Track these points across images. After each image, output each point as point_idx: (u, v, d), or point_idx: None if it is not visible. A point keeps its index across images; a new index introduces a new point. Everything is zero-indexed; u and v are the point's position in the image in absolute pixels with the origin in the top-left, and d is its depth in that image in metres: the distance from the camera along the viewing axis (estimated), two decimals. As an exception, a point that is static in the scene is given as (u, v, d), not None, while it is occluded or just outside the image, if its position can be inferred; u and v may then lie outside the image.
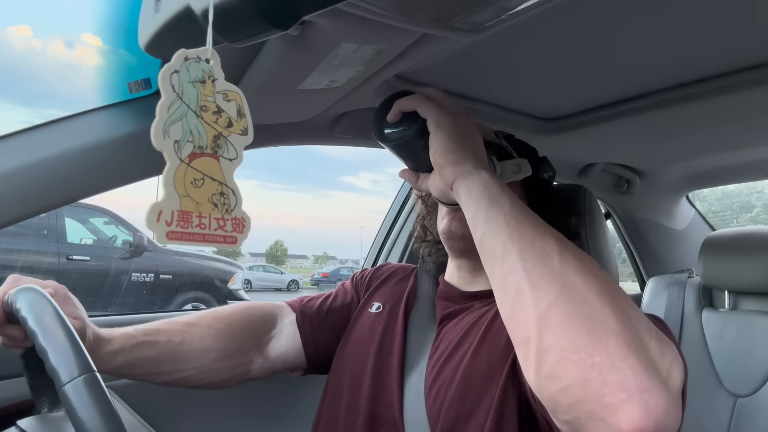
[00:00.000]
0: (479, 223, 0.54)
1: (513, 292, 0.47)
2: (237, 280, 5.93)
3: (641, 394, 0.39)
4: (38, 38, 58.24)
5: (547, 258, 0.47)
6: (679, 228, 1.81)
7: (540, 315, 0.44)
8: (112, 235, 5.41)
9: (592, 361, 0.41)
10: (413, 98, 0.62)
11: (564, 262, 0.47)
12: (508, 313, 0.48)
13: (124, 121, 0.80)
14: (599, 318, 0.43)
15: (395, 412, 0.71)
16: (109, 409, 0.45)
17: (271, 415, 1.16)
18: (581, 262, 0.47)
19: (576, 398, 0.41)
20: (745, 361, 1.22)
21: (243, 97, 0.45)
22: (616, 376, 0.40)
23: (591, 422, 0.41)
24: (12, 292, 0.57)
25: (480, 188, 0.56)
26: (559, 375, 0.42)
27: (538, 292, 0.45)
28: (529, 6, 0.58)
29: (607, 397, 0.40)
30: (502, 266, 0.50)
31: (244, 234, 0.45)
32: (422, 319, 0.82)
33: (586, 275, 0.46)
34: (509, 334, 0.49)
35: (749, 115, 1.04)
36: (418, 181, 0.68)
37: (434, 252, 0.92)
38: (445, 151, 0.59)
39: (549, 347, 0.43)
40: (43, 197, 0.74)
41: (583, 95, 1.02)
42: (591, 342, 0.42)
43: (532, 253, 0.48)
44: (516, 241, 0.49)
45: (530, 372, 0.45)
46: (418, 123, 0.62)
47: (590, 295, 0.44)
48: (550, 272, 0.46)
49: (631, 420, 0.39)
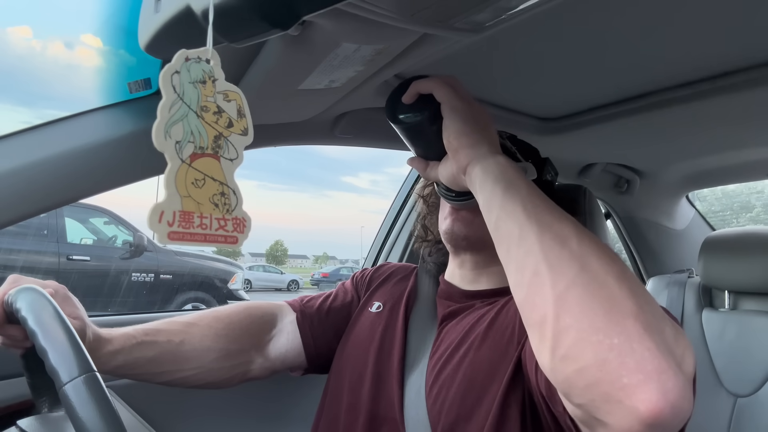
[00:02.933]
0: (495, 205, 0.53)
1: (530, 273, 0.47)
2: (237, 280, 5.93)
3: (659, 375, 0.39)
4: (38, 39, 58.17)
5: (565, 241, 0.47)
6: (679, 228, 1.81)
7: (558, 296, 0.44)
8: (112, 235, 5.41)
9: (610, 342, 0.41)
10: (430, 80, 0.62)
11: (582, 245, 0.47)
12: (523, 295, 0.48)
13: (124, 121, 0.80)
14: (617, 300, 0.43)
15: (395, 412, 0.71)
16: (109, 409, 0.45)
17: (271, 415, 1.16)
18: (598, 247, 0.47)
19: (592, 379, 0.41)
20: (745, 361, 1.22)
21: (243, 98, 0.45)
22: (634, 358, 0.40)
23: (606, 404, 0.41)
24: (12, 292, 0.57)
25: (496, 171, 0.55)
26: (575, 356, 0.42)
27: (557, 273, 0.45)
28: (529, 6, 0.58)
29: (625, 379, 0.40)
30: (519, 248, 0.49)
31: (245, 234, 0.45)
32: (423, 318, 0.82)
33: (603, 259, 0.46)
34: (523, 317, 0.49)
35: (749, 115, 1.04)
36: (426, 168, 0.67)
37: (434, 252, 0.92)
38: (459, 134, 0.59)
39: (566, 328, 0.43)
40: (43, 197, 0.74)
41: (583, 95, 1.02)
42: (609, 323, 0.42)
43: (550, 236, 0.48)
44: (534, 223, 0.49)
45: (545, 354, 0.45)
46: (432, 107, 0.62)
47: (608, 277, 0.44)
48: (569, 254, 0.46)
49: (648, 401, 0.39)
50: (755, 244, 1.27)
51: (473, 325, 0.73)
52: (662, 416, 0.39)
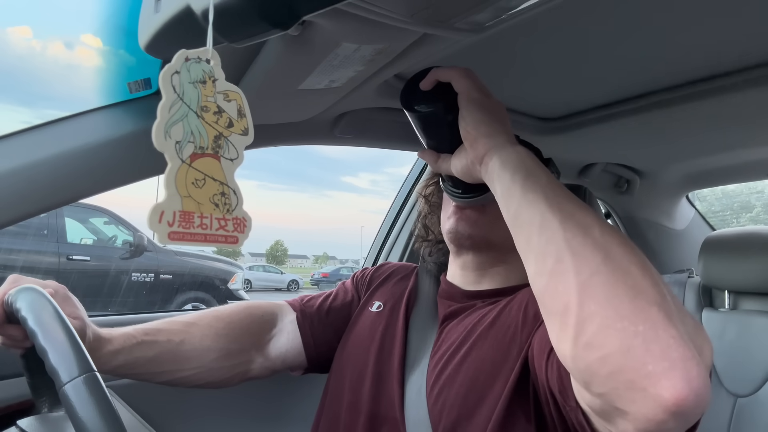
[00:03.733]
0: (515, 194, 0.53)
1: (553, 261, 0.47)
2: (237, 280, 5.93)
3: (683, 363, 0.39)
4: (38, 39, 58.22)
5: (588, 229, 0.47)
6: (679, 228, 1.81)
7: (582, 283, 0.44)
8: (112, 235, 5.41)
9: (635, 329, 0.41)
10: (450, 69, 0.62)
11: (605, 233, 0.47)
12: (544, 283, 0.48)
13: (124, 121, 0.80)
14: (641, 288, 0.43)
15: (396, 411, 0.71)
16: (109, 409, 0.45)
17: (271, 415, 1.16)
18: (620, 236, 0.47)
19: (616, 367, 0.41)
20: (745, 361, 1.22)
21: (243, 98, 0.45)
22: (660, 345, 0.40)
23: (629, 392, 0.40)
24: (12, 292, 0.57)
25: (515, 160, 0.55)
26: (600, 344, 0.42)
27: (580, 260, 0.45)
28: (529, 6, 0.58)
29: (650, 366, 0.39)
30: (540, 236, 0.49)
31: (245, 234, 0.45)
32: (423, 318, 0.82)
33: (626, 248, 0.46)
34: (543, 305, 0.48)
35: (749, 115, 1.04)
36: (438, 160, 0.67)
37: (435, 252, 0.92)
38: (477, 124, 0.59)
39: (591, 315, 0.43)
40: (43, 197, 0.74)
41: (583, 95, 1.02)
42: (634, 311, 0.41)
43: (572, 224, 0.48)
44: (556, 211, 0.49)
45: (566, 342, 0.44)
46: (449, 96, 0.62)
47: (632, 266, 0.44)
48: (592, 242, 0.46)
49: (673, 389, 0.38)
50: (755, 244, 1.27)
51: (475, 324, 0.73)
52: (686, 404, 0.38)
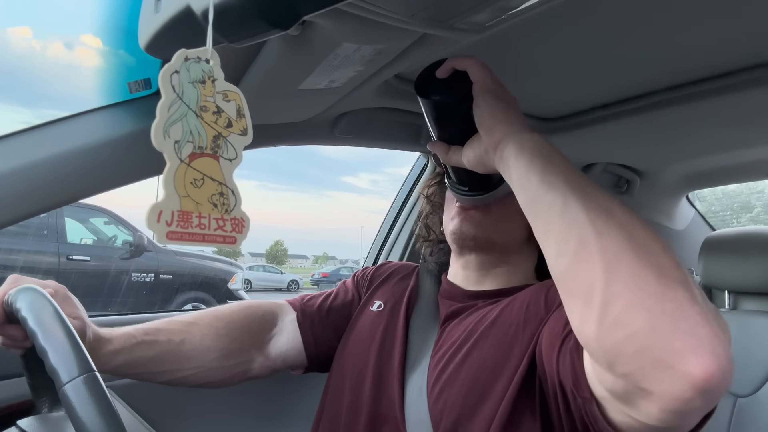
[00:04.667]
0: (533, 178, 0.53)
1: (576, 242, 0.47)
2: (237, 280, 5.93)
3: (710, 339, 0.39)
4: (38, 39, 58.20)
5: (610, 210, 0.47)
6: (679, 228, 1.81)
7: (608, 262, 0.44)
8: (112, 235, 5.41)
9: (662, 307, 0.41)
10: (467, 58, 0.62)
11: (626, 215, 0.47)
12: (566, 264, 0.47)
13: (124, 121, 0.80)
14: (666, 268, 0.43)
15: (396, 411, 0.71)
16: (109, 409, 0.45)
17: (271, 415, 1.16)
18: (640, 219, 0.48)
19: (643, 345, 0.41)
20: (745, 361, 1.22)
21: (243, 98, 0.45)
22: (687, 323, 0.40)
23: (656, 371, 0.40)
24: (12, 292, 0.57)
25: (532, 146, 0.55)
26: (626, 322, 0.42)
27: (605, 240, 0.45)
28: (529, 6, 0.59)
29: (678, 343, 0.39)
30: (562, 219, 0.49)
31: (243, 234, 0.45)
32: (424, 317, 0.82)
33: (647, 229, 0.46)
34: (564, 287, 0.48)
35: (749, 115, 1.04)
36: (448, 152, 0.66)
37: (436, 251, 0.92)
38: (494, 111, 0.59)
39: (617, 294, 0.43)
40: (43, 197, 0.74)
41: (584, 95, 1.02)
42: (660, 289, 0.42)
43: (594, 205, 0.48)
44: (579, 194, 0.49)
45: (591, 323, 0.44)
46: (464, 86, 0.62)
47: (655, 246, 0.45)
48: (616, 223, 0.46)
49: (701, 365, 0.38)
50: (755, 244, 1.27)
51: (476, 324, 0.73)
52: (714, 381, 0.38)
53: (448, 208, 0.81)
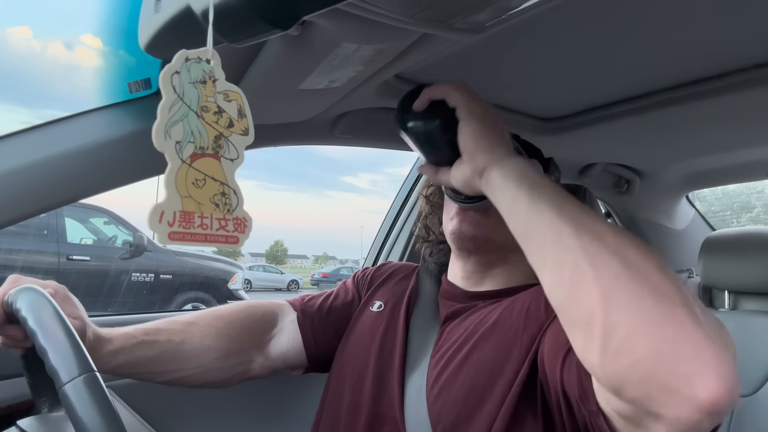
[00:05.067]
0: (521, 207, 0.52)
1: (570, 269, 0.46)
2: (237, 280, 5.93)
3: (716, 361, 0.39)
4: (38, 39, 58.18)
5: (602, 236, 0.46)
6: (679, 228, 1.81)
7: (604, 290, 0.43)
8: (112, 235, 5.41)
9: (664, 332, 0.40)
10: (443, 86, 0.61)
11: (618, 237, 0.46)
12: (565, 294, 0.47)
13: (124, 121, 0.80)
14: (664, 290, 0.42)
15: (396, 411, 0.71)
16: (109, 408, 0.45)
17: (271, 415, 1.16)
18: (633, 240, 0.47)
19: (648, 371, 0.40)
20: (745, 361, 1.22)
21: (244, 98, 0.45)
22: (690, 345, 0.39)
23: (663, 396, 0.40)
24: (12, 292, 0.57)
25: (518, 173, 0.54)
26: (629, 350, 0.41)
27: (599, 268, 0.44)
28: (529, 6, 0.58)
29: (683, 367, 0.39)
30: (555, 248, 0.48)
31: (245, 234, 0.45)
32: (424, 318, 0.82)
33: (641, 250, 0.45)
34: (564, 317, 0.47)
35: (749, 115, 1.04)
36: (438, 174, 0.66)
37: (436, 252, 0.92)
38: (477, 137, 0.58)
39: (617, 322, 0.42)
40: (43, 197, 0.74)
41: (583, 95, 1.02)
42: (661, 313, 0.41)
43: (585, 231, 0.47)
44: (568, 221, 0.48)
45: (593, 352, 0.44)
46: (444, 113, 0.61)
47: (650, 268, 0.44)
48: (609, 248, 0.45)
49: (708, 388, 0.38)
50: (755, 244, 1.27)
51: (476, 325, 0.73)
52: (721, 402, 0.38)
53: (447, 208, 0.81)
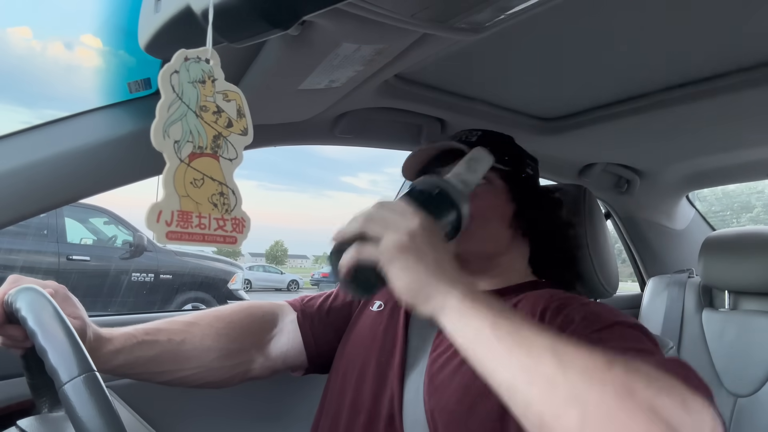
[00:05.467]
0: (476, 355, 0.50)
1: (536, 419, 0.44)
2: (237, 280, 5.93)
3: None
4: (38, 39, 58.22)
5: (553, 377, 0.44)
6: (679, 228, 1.81)
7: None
8: (112, 235, 5.41)
9: None
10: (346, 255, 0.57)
11: (568, 372, 0.44)
12: None
13: (124, 121, 0.80)
14: (628, 425, 0.41)
15: (395, 411, 0.71)
16: (109, 408, 0.45)
17: (271, 415, 1.16)
18: (584, 364, 0.45)
19: None
20: (745, 361, 1.22)
21: (243, 97, 0.45)
22: None
23: None
24: (12, 292, 0.57)
25: (461, 325, 0.52)
26: None
27: (560, 421, 0.43)
28: (529, 6, 0.58)
29: None
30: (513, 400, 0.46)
31: (243, 234, 0.45)
32: (424, 318, 0.82)
33: (594, 380, 0.43)
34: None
35: (749, 115, 1.04)
36: None
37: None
38: (408, 291, 0.55)
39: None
40: (43, 197, 0.74)
41: (583, 95, 1.02)
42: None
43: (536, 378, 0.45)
44: (516, 371, 0.46)
45: None
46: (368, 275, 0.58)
47: (610, 400, 0.42)
48: (564, 394, 0.43)
49: None
50: (755, 244, 1.27)
51: None
52: None
53: None
